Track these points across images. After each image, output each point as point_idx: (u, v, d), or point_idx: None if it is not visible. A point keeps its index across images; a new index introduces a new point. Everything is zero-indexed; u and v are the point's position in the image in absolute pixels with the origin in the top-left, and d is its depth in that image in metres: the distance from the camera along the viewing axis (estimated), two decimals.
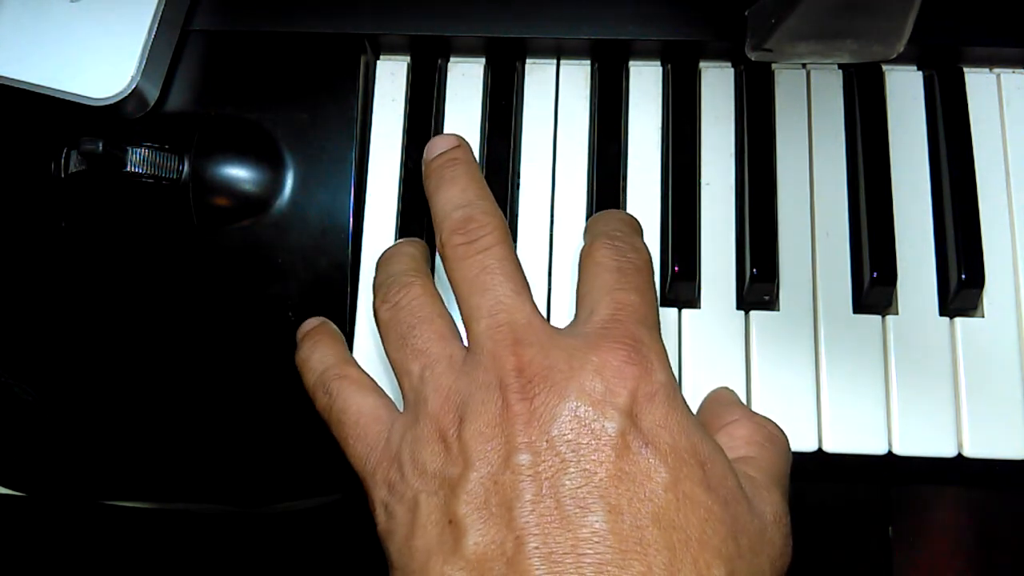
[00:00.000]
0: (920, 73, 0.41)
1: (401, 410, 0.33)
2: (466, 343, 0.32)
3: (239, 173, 0.38)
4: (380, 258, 0.36)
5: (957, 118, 0.39)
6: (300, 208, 0.39)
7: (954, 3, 0.39)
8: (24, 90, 0.38)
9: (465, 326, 0.32)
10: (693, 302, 0.38)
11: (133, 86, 0.38)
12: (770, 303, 0.38)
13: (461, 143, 0.37)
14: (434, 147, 0.37)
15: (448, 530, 0.28)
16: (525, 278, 0.33)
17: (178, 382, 0.38)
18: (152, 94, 0.39)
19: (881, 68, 0.40)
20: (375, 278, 0.35)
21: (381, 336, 0.34)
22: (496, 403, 0.29)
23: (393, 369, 0.33)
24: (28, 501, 0.40)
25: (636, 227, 0.35)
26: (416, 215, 0.38)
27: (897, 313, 0.37)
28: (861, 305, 0.38)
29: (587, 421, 0.28)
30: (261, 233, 0.38)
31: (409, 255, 0.35)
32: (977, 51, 0.40)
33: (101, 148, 0.35)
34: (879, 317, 0.37)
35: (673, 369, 0.31)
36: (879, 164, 0.39)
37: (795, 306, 0.38)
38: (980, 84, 0.40)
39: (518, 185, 0.39)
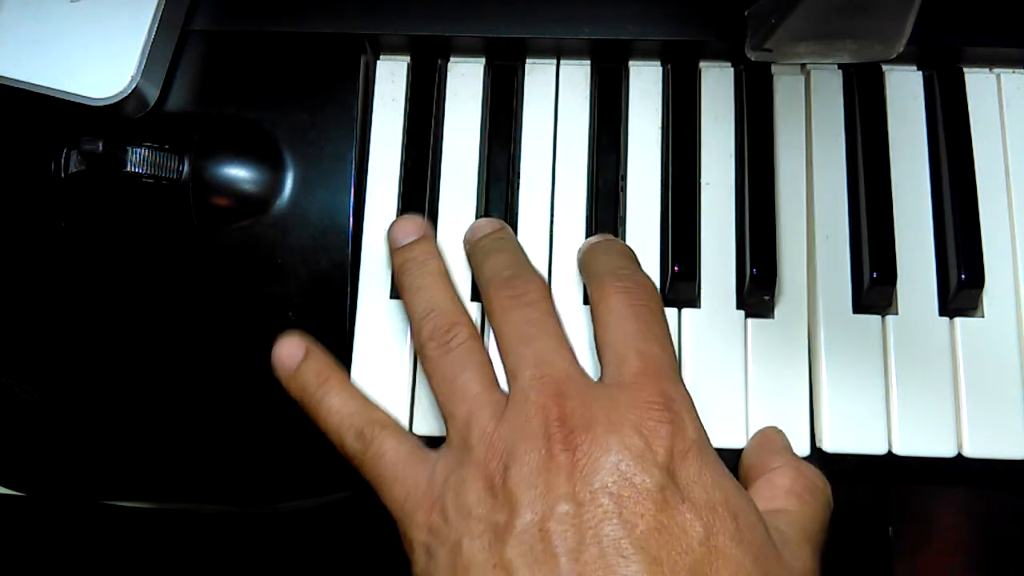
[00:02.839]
0: (920, 73, 0.41)
1: (436, 453, 0.33)
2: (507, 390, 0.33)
3: (239, 173, 0.38)
4: (404, 275, 0.36)
5: (957, 118, 0.39)
6: (300, 208, 0.39)
7: (954, 3, 0.39)
8: (24, 90, 0.38)
9: (508, 374, 0.33)
10: (693, 302, 0.38)
11: (133, 86, 0.38)
12: (770, 303, 0.38)
13: (506, 226, 0.38)
14: (479, 229, 0.38)
15: (493, 574, 0.29)
16: (566, 336, 0.34)
17: (178, 382, 0.38)
18: (152, 94, 0.39)
19: (881, 68, 0.40)
20: (414, 307, 0.36)
21: (425, 371, 0.35)
22: (540, 452, 0.30)
23: (439, 407, 0.34)
24: (28, 501, 0.40)
25: (635, 258, 0.37)
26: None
27: (897, 313, 0.37)
28: (861, 305, 0.38)
29: (628, 475, 0.29)
30: (261, 233, 0.38)
31: (441, 276, 0.36)
32: (977, 51, 0.40)
33: (101, 148, 0.35)
34: (879, 317, 0.37)
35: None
36: (879, 164, 0.39)
37: (795, 306, 0.38)
38: (980, 84, 0.40)
39: (518, 185, 0.39)
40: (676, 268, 0.38)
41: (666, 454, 0.30)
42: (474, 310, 0.38)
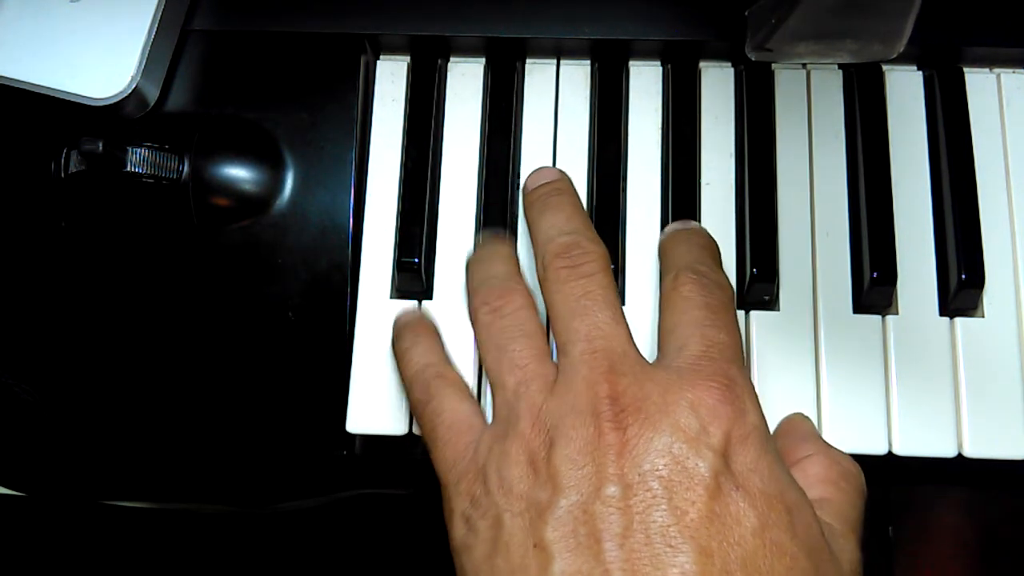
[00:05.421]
0: (920, 73, 0.41)
1: (490, 420, 0.33)
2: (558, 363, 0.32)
3: (239, 173, 0.38)
4: (474, 256, 0.37)
5: (957, 118, 0.39)
6: (300, 208, 0.39)
7: (954, 3, 0.39)
8: (24, 90, 0.38)
9: (559, 348, 0.32)
10: None
11: (133, 86, 0.38)
12: (770, 303, 0.38)
13: (565, 176, 0.37)
14: (539, 177, 0.37)
15: (533, 554, 0.28)
16: (621, 309, 0.33)
17: (178, 382, 0.38)
18: (152, 94, 0.39)
19: (881, 68, 0.40)
20: (472, 277, 0.35)
21: (477, 338, 0.34)
22: (588, 430, 0.29)
23: (487, 375, 0.33)
24: (28, 501, 0.40)
25: (718, 256, 0.36)
26: (416, 215, 0.38)
27: (897, 313, 0.37)
28: (861, 305, 0.38)
29: (681, 458, 0.28)
30: (261, 233, 0.38)
31: (506, 256, 0.36)
32: (977, 51, 0.40)
33: (101, 148, 0.35)
34: (879, 317, 0.37)
35: None
36: (879, 164, 0.39)
37: (795, 306, 0.38)
38: (980, 84, 0.40)
39: (518, 185, 0.39)
40: None
41: (723, 438, 0.29)
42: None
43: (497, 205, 0.39)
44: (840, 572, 0.29)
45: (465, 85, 0.41)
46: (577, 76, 0.41)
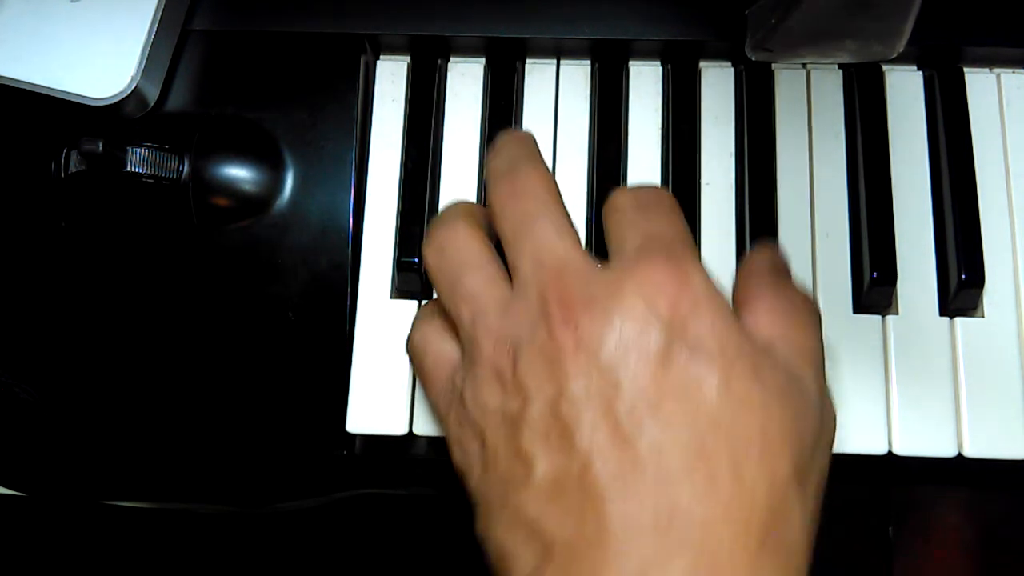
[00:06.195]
0: (920, 73, 0.41)
1: None
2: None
3: (239, 173, 0.38)
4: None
5: (957, 118, 0.39)
6: (300, 208, 0.39)
7: (954, 3, 0.39)
8: (24, 90, 0.38)
9: (511, 269, 0.32)
10: None
11: (133, 86, 0.38)
12: None
13: (523, 132, 0.37)
14: (496, 136, 0.37)
15: (517, 462, 0.29)
16: (570, 222, 0.33)
17: (178, 382, 0.38)
18: (152, 94, 0.39)
19: (881, 68, 0.40)
20: (427, 230, 0.36)
21: (431, 280, 0.34)
22: (543, 336, 0.30)
23: (448, 313, 0.34)
24: (28, 501, 0.40)
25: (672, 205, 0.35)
26: (416, 215, 0.38)
27: (897, 313, 0.37)
28: (861, 305, 0.38)
29: (632, 340, 0.29)
30: (261, 233, 0.38)
31: (460, 205, 0.36)
32: (977, 51, 0.40)
33: (101, 148, 0.35)
34: (879, 317, 0.37)
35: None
36: (879, 164, 0.39)
37: None
38: (980, 84, 0.40)
39: None
40: None
41: (670, 309, 0.29)
42: None
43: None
44: (810, 407, 0.30)
45: (465, 85, 0.41)
46: (577, 76, 0.41)
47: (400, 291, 0.38)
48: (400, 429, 0.37)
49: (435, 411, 0.34)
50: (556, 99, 0.41)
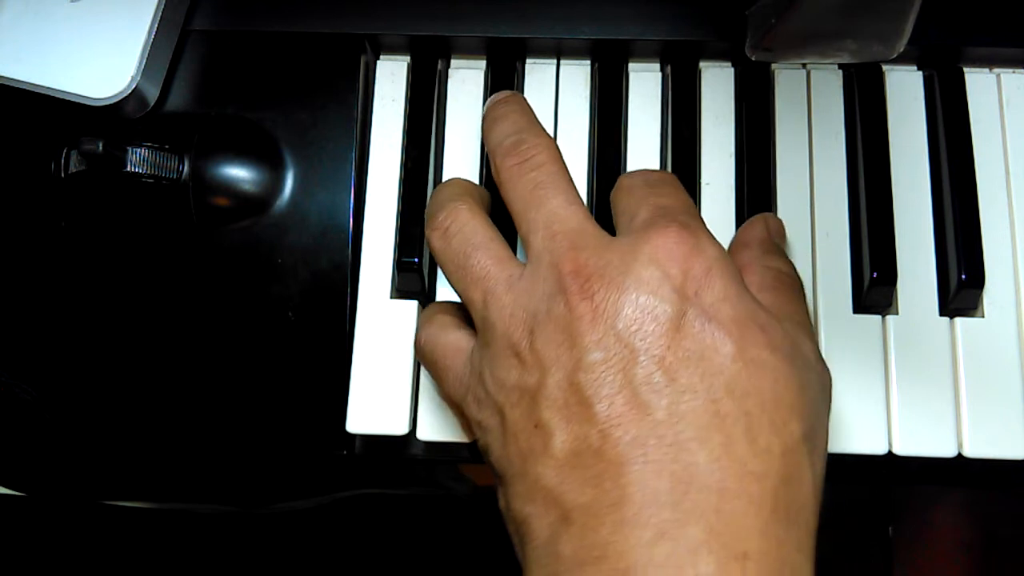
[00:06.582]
0: (920, 73, 0.41)
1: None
2: (524, 260, 0.33)
3: (239, 173, 0.38)
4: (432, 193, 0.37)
5: (957, 118, 0.39)
6: (300, 208, 0.39)
7: (954, 3, 0.39)
8: (24, 90, 0.38)
9: (523, 242, 0.33)
10: None
11: (133, 86, 0.38)
12: None
13: (515, 93, 0.38)
14: (491, 99, 0.38)
15: (536, 434, 0.29)
16: (576, 190, 0.33)
17: (178, 382, 0.38)
18: (152, 94, 0.39)
19: (881, 68, 0.40)
20: (427, 209, 0.36)
21: (439, 263, 0.34)
22: (560, 308, 0.30)
23: (459, 296, 0.34)
24: (28, 501, 0.40)
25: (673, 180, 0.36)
26: (416, 215, 0.38)
27: (897, 313, 0.37)
28: (861, 305, 0.38)
29: (648, 308, 0.29)
30: (261, 233, 0.38)
31: (457, 183, 0.36)
32: (977, 51, 0.40)
33: (101, 148, 0.35)
34: (879, 317, 0.37)
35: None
36: (879, 164, 0.39)
37: None
38: (980, 84, 0.40)
39: None
40: None
41: (683, 276, 0.29)
42: None
43: (497, 205, 0.39)
44: (812, 371, 0.30)
45: (465, 85, 0.41)
46: (577, 76, 0.41)
47: (400, 291, 0.38)
48: (400, 429, 0.37)
49: (451, 401, 0.34)
50: (556, 99, 0.41)
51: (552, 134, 0.40)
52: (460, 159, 0.40)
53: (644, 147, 0.40)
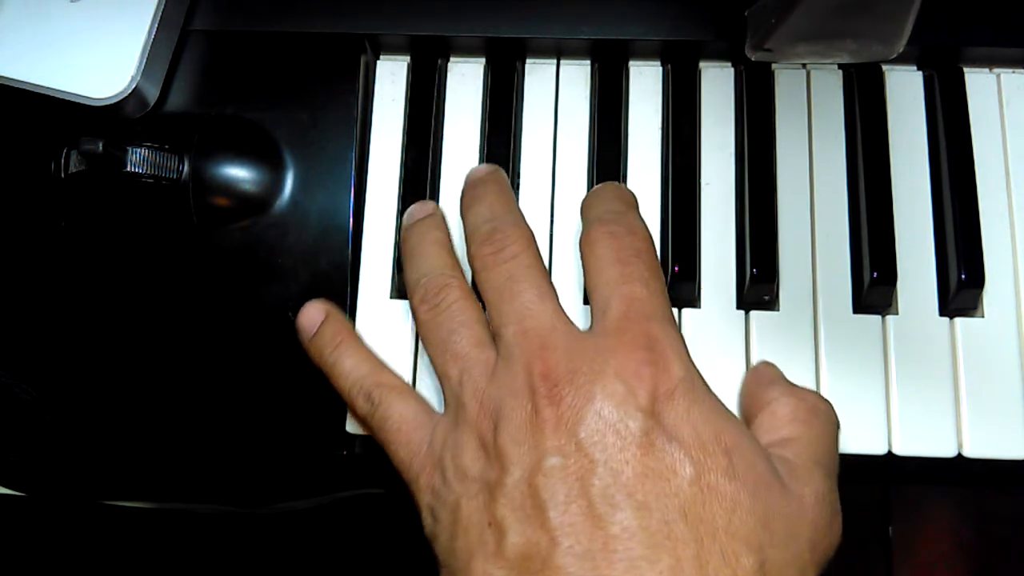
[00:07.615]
0: (920, 73, 0.41)
1: (439, 411, 0.34)
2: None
3: (239, 173, 0.38)
4: (407, 243, 0.37)
5: (957, 118, 0.39)
6: (300, 208, 0.39)
7: (954, 3, 0.39)
8: (24, 90, 0.38)
9: (495, 332, 0.33)
10: (693, 302, 0.38)
11: (133, 86, 0.38)
12: (770, 303, 0.38)
13: (497, 169, 0.38)
14: (472, 174, 0.38)
15: (488, 532, 0.29)
16: (551, 284, 0.34)
17: (178, 382, 0.38)
18: (152, 94, 0.39)
19: (881, 68, 0.40)
20: (408, 271, 0.36)
21: (420, 334, 0.35)
22: (526, 408, 0.30)
23: (434, 369, 0.34)
24: (28, 501, 0.40)
25: (630, 201, 0.36)
26: None
27: (897, 313, 0.37)
28: (861, 305, 0.38)
29: (611, 422, 0.29)
30: (261, 233, 0.38)
31: (438, 243, 0.36)
32: (977, 51, 0.40)
33: (101, 148, 0.35)
34: (879, 317, 0.37)
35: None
36: (879, 164, 0.39)
37: (795, 306, 0.38)
38: (980, 84, 0.40)
39: (518, 185, 0.39)
40: (676, 268, 0.38)
41: (648, 396, 0.30)
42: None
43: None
44: (801, 506, 0.30)
45: (465, 85, 0.41)
46: (577, 76, 0.41)
47: (400, 291, 0.38)
48: None
49: (402, 474, 0.33)
50: (556, 99, 0.41)
51: (552, 134, 0.40)
52: (460, 159, 0.40)
53: (644, 147, 0.40)
